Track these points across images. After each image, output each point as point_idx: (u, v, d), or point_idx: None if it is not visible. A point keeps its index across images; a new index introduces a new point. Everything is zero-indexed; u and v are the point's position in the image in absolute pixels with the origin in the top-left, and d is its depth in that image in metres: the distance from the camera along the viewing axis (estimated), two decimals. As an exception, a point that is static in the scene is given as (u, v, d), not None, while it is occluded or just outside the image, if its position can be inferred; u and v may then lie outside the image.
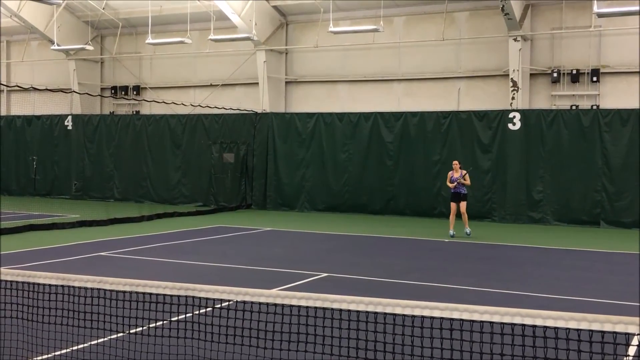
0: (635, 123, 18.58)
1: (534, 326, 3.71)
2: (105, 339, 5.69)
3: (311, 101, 24.13)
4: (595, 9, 16.99)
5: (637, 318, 3.52)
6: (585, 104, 20.36)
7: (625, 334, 3.53)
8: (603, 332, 3.57)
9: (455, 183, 15.83)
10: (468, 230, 16.11)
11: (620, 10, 17.33)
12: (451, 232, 16.08)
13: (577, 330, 3.62)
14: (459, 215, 16.03)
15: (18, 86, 21.71)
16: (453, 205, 15.97)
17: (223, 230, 17.23)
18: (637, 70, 19.73)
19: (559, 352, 3.82)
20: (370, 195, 21.62)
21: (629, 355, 4.05)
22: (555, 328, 3.67)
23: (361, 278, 10.76)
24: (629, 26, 19.51)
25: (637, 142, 18.53)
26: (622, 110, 18.86)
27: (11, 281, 5.18)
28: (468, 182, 15.98)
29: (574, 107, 20.19)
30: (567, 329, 3.62)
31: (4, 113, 28.68)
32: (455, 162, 16.23)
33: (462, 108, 21.41)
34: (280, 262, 12.09)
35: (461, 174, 15.88)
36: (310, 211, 22.36)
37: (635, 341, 3.83)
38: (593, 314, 3.65)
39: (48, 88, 21.65)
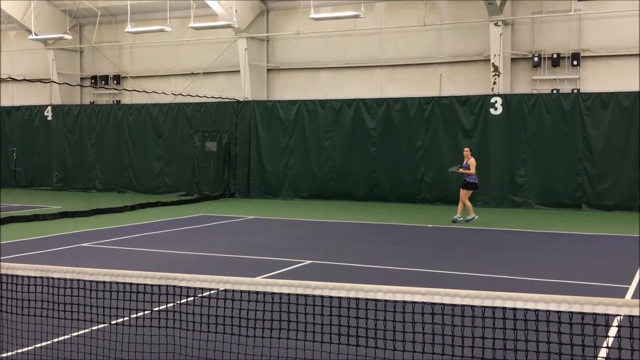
0: (615, 106, 18.71)
1: (515, 309, 3.72)
2: (87, 330, 5.66)
3: (293, 88, 24.03)
4: (575, -8, 17.04)
5: (617, 299, 3.54)
6: (566, 88, 20.45)
7: (605, 315, 3.55)
8: (583, 314, 3.59)
9: (453, 170, 16.34)
10: (456, 217, 16.10)
11: (600, -6, 17.40)
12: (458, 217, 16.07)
13: (558, 312, 3.64)
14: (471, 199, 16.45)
15: (-4, 77, 21.42)
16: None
17: (206, 219, 17.17)
18: (617, 53, 19.85)
19: (539, 334, 3.84)
20: (354, 182, 21.63)
21: (609, 336, 4.08)
22: (535, 310, 3.68)
23: (345, 265, 10.77)
24: (608, 9, 19.61)
25: (618, 125, 18.67)
26: (602, 94, 18.97)
27: (-11, 274, 5.12)
28: (463, 171, 16.07)
29: (555, 91, 20.28)
30: (547, 311, 3.64)
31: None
32: (466, 148, 16.50)
33: (444, 93, 21.44)
34: (264, 250, 12.07)
35: (465, 161, 16.08)
36: (294, 199, 22.34)
37: (615, 322, 3.85)
38: (574, 295, 3.66)
39: (26, 78, 21.37)
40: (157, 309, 5.20)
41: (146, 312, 5.42)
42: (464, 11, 21.40)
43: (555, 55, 20.38)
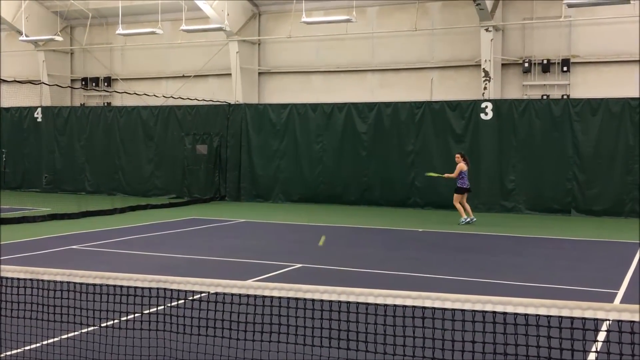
0: (604, 112, 18.83)
1: (505, 313, 3.74)
2: (77, 332, 5.62)
3: (285, 92, 24.04)
4: (566, -1, 17.16)
5: (606, 304, 3.56)
6: (556, 94, 20.57)
7: (594, 319, 3.58)
8: (572, 318, 3.62)
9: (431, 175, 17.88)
10: (462, 219, 16.84)
11: (590, 1, 17.53)
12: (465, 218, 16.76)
13: (547, 316, 3.66)
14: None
15: (-14, 78, 21.33)
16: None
17: (197, 222, 17.13)
18: (607, 60, 19.99)
19: (529, 339, 3.86)
20: (345, 186, 21.64)
21: (598, 341, 4.11)
22: (525, 315, 3.70)
23: (335, 268, 10.77)
24: (598, 16, 19.75)
25: (607, 131, 18.79)
26: (592, 100, 19.09)
27: (-22, 276, 5.09)
28: (447, 175, 17.17)
29: (545, 97, 20.39)
30: (537, 315, 3.66)
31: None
32: (457, 154, 17.24)
33: (435, 98, 21.51)
34: (254, 254, 12.05)
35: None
36: (285, 202, 22.33)
37: (604, 327, 3.88)
38: (563, 300, 3.69)
39: (16, 80, 21.28)
40: (147, 311, 5.19)
41: (136, 314, 5.41)
42: (456, 16, 21.50)
43: (545, 61, 20.50)
